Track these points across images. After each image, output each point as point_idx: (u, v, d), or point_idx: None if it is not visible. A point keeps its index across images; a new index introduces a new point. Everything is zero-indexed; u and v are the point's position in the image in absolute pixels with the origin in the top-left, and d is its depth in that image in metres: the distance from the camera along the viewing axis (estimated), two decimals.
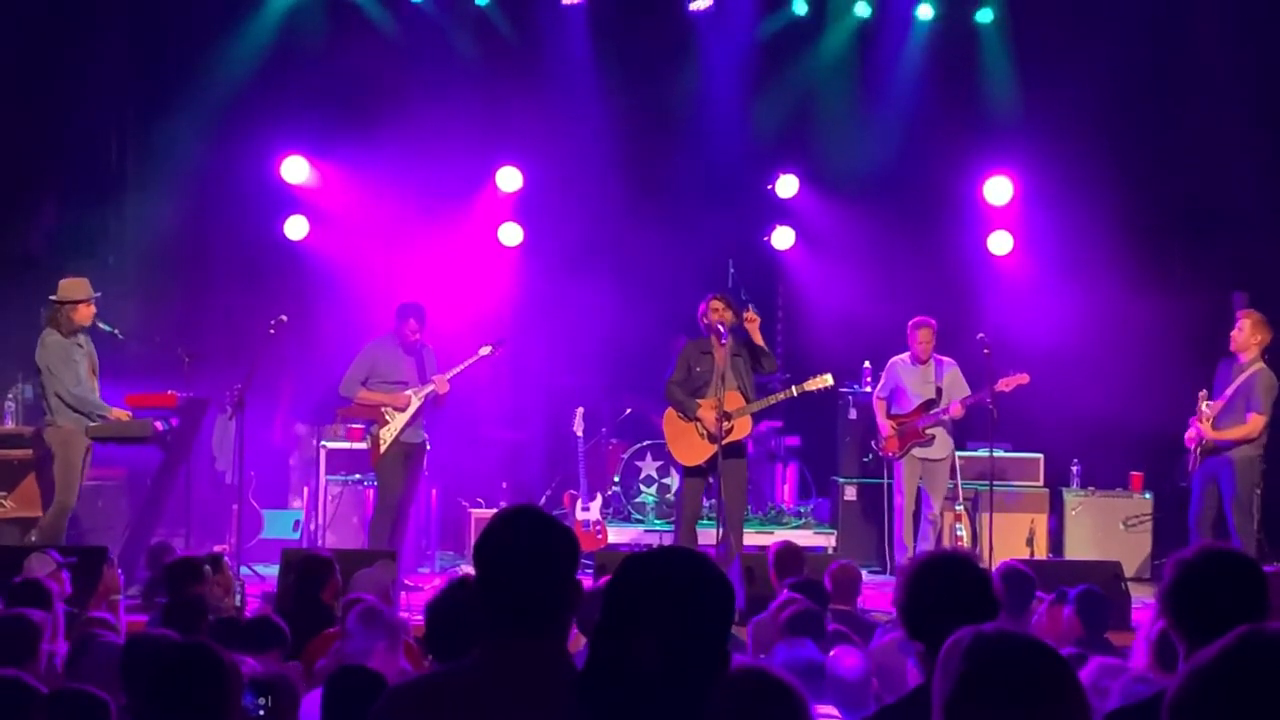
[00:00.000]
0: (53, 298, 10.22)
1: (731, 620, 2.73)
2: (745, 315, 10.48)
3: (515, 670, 2.95)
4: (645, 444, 12.96)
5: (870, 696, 5.08)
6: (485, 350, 11.03)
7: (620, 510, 12.82)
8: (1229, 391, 10.87)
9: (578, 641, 6.35)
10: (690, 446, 10.44)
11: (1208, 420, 10.87)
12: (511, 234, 13.63)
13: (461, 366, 10.97)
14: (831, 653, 5.32)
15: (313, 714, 4.77)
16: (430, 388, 10.86)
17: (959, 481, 11.79)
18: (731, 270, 13.12)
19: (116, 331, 10.47)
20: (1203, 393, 11.06)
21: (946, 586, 3.65)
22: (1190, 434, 11.01)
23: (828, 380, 10.62)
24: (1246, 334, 10.90)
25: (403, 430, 10.84)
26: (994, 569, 7.06)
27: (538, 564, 3.00)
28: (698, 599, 2.65)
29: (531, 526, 3.06)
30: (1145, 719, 3.41)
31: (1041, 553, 12.17)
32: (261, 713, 4.32)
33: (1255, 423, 10.79)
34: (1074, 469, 12.67)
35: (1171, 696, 2.18)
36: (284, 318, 10.51)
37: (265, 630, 6.05)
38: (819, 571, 7.81)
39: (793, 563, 8.13)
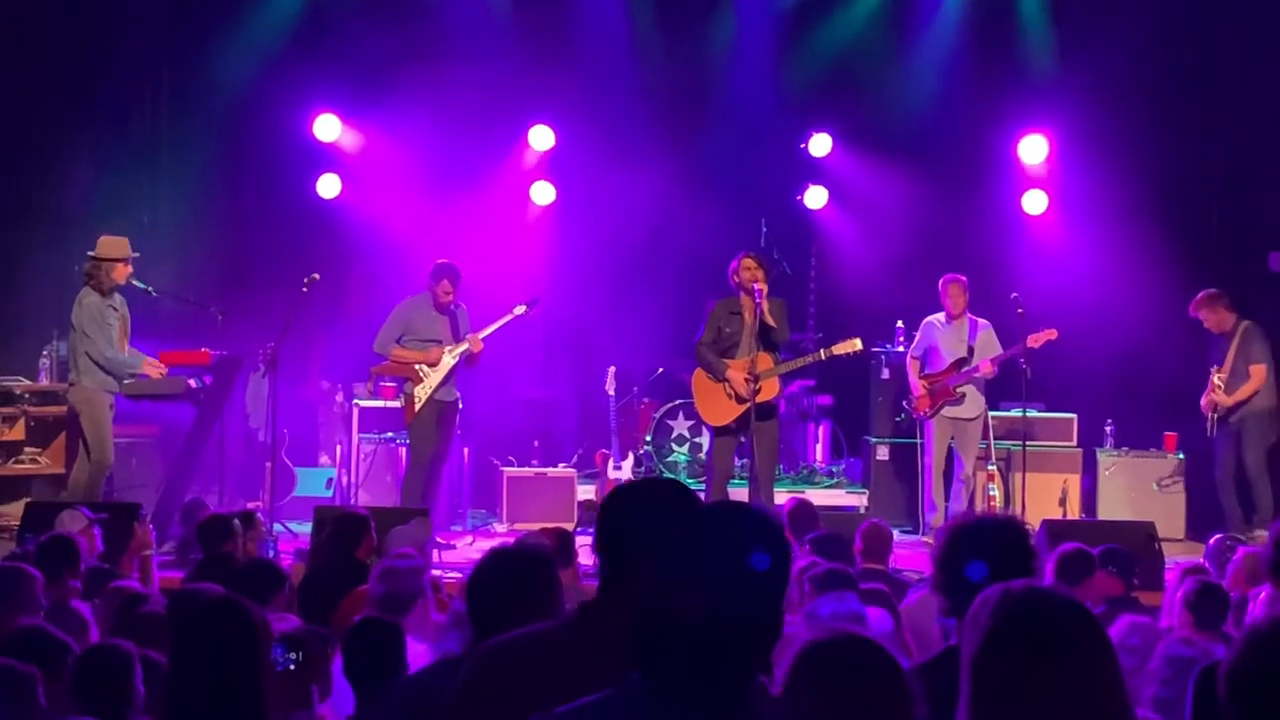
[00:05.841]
0: (91, 254, 10.23)
1: (787, 581, 2.56)
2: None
3: (612, 628, 2.84)
4: (677, 403, 12.94)
5: (899, 651, 5.06)
6: (520, 310, 11.03)
7: (652, 469, 12.80)
8: (1230, 358, 11.40)
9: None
10: (718, 407, 10.41)
11: (1219, 390, 11.35)
12: (544, 193, 13.61)
13: (496, 325, 10.97)
14: None
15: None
16: (464, 346, 10.87)
17: (992, 441, 11.75)
18: (764, 229, 13.06)
19: (150, 289, 10.51)
20: (1214, 368, 11.46)
21: (982, 548, 3.62)
22: (1204, 401, 11.49)
23: (857, 345, 10.55)
24: (1213, 316, 11.48)
25: (437, 388, 10.86)
26: None
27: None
28: (755, 557, 2.47)
29: (659, 495, 3.13)
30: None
31: (1074, 513, 12.12)
32: (292, 667, 4.35)
33: (1259, 373, 11.36)
34: (1107, 429, 12.60)
35: (1229, 664, 2.16)
36: (316, 276, 10.53)
37: (263, 574, 6.05)
38: (850, 530, 7.82)
39: (807, 519, 8.14)
